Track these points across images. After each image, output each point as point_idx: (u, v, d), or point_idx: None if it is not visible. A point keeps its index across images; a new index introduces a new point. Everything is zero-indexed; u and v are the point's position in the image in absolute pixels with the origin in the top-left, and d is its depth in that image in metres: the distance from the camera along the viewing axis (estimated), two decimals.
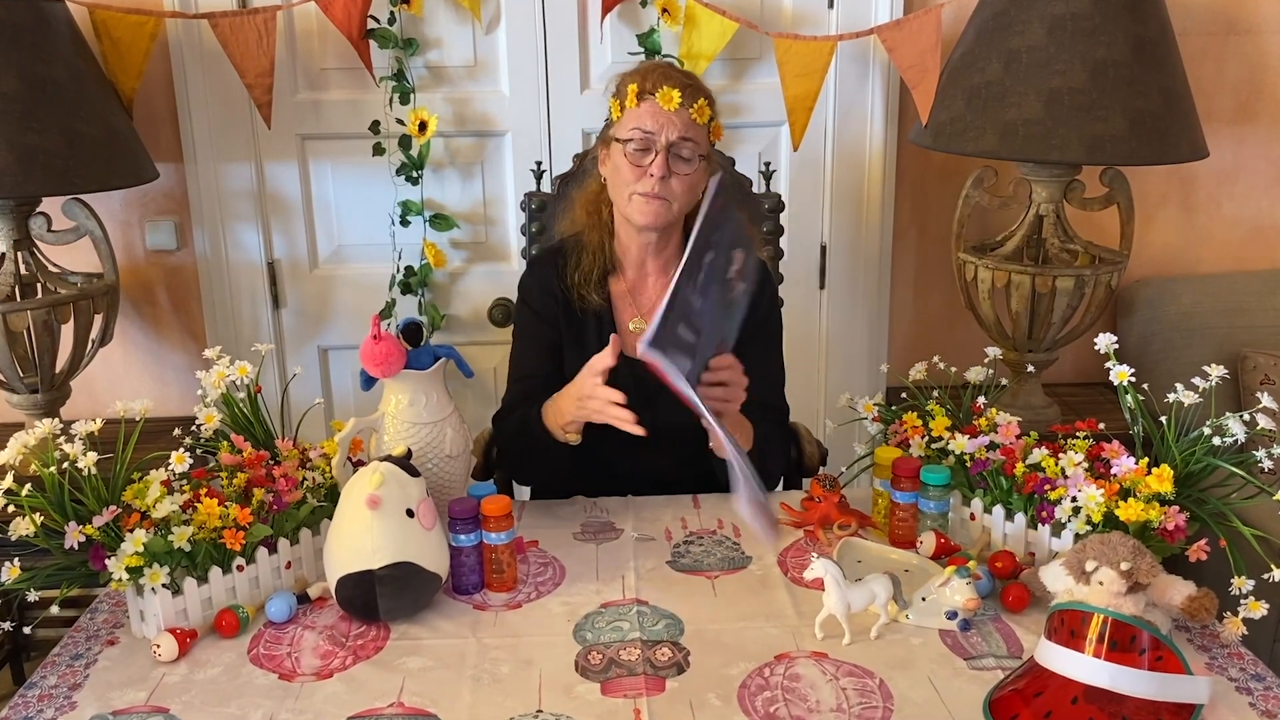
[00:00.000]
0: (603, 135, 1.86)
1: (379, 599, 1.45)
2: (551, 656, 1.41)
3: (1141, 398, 1.59)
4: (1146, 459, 1.53)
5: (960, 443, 1.64)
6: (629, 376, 1.84)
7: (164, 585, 1.42)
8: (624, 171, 1.77)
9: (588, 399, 1.65)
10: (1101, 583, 1.30)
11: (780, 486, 1.96)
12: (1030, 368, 2.30)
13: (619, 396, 1.61)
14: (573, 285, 1.87)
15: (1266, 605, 1.42)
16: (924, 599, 1.48)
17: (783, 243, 2.35)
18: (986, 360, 1.80)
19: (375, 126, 2.53)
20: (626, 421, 1.59)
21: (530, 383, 1.88)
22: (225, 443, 1.64)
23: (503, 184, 2.67)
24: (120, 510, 1.44)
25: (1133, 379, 1.59)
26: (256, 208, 2.65)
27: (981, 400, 1.74)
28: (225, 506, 1.48)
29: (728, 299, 1.59)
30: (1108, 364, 1.60)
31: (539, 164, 2.39)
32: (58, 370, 2.34)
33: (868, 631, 1.44)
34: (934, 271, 2.77)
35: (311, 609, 1.54)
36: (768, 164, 2.40)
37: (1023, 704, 1.25)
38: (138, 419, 1.55)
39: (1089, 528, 1.48)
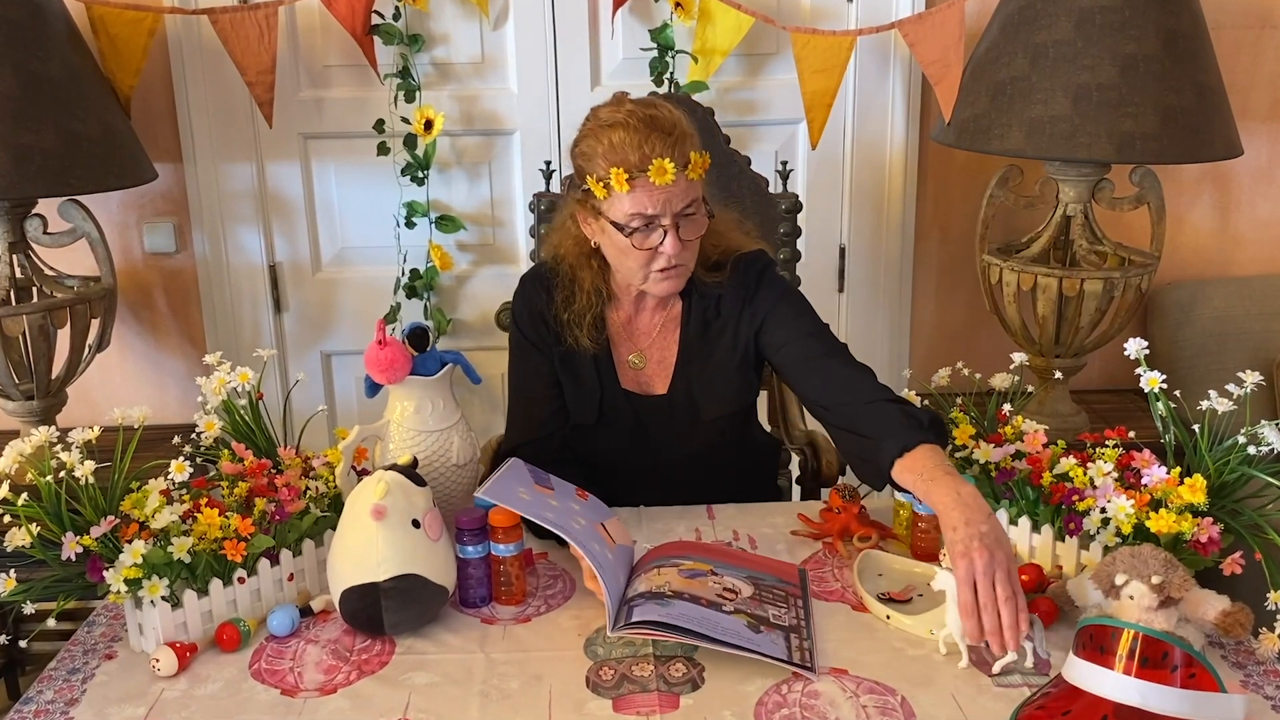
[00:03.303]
0: (581, 200, 1.71)
1: (384, 612, 1.46)
2: (562, 672, 1.41)
3: (1173, 405, 1.59)
4: (1178, 468, 1.52)
5: (985, 451, 1.64)
6: (630, 412, 1.84)
7: (163, 598, 1.43)
8: (631, 256, 1.66)
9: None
10: (1132, 597, 1.29)
11: (797, 496, 1.96)
12: (1057, 374, 2.30)
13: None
14: (566, 331, 1.78)
15: None
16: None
17: (800, 244, 2.35)
18: (1012, 366, 1.80)
19: (380, 125, 2.55)
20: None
21: (533, 421, 1.85)
22: (226, 451, 1.64)
23: (511, 184, 2.68)
24: (118, 520, 1.45)
25: (1164, 385, 1.59)
26: (257, 209, 2.66)
27: (1007, 408, 1.74)
28: (226, 517, 1.49)
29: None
30: (1138, 370, 1.60)
31: (548, 163, 2.40)
32: (54, 376, 2.35)
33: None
34: (957, 274, 2.77)
35: (315, 622, 1.55)
36: (785, 163, 2.40)
37: None
38: (136, 426, 1.56)
39: (1119, 540, 1.48)
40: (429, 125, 2.51)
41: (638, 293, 1.80)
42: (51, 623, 1.52)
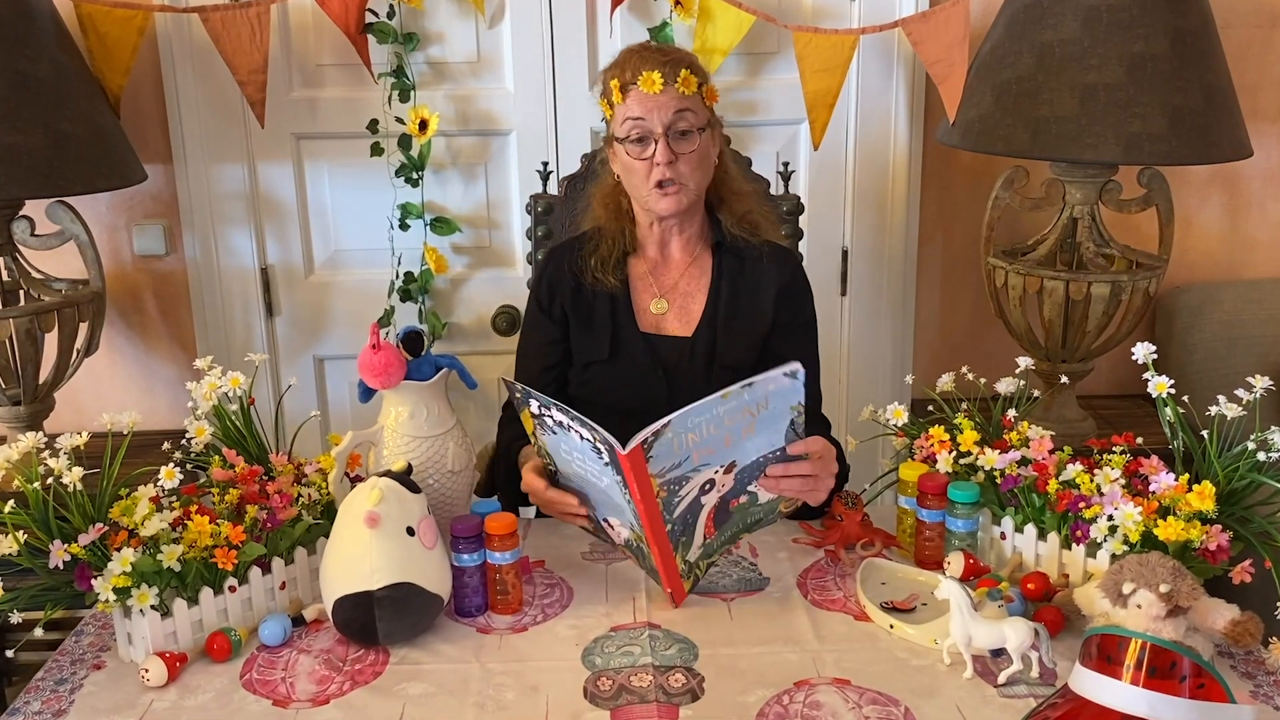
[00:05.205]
0: (607, 138, 1.93)
1: (378, 621, 1.46)
2: (559, 682, 1.42)
3: (1182, 410, 1.59)
4: (1187, 475, 1.53)
5: (990, 458, 1.64)
6: (646, 351, 1.87)
7: (153, 607, 1.43)
8: (635, 170, 1.82)
9: (548, 506, 1.69)
10: (1140, 606, 1.30)
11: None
12: (1064, 379, 2.30)
13: (572, 502, 1.64)
14: (588, 269, 1.93)
15: None
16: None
17: (802, 247, 2.36)
18: (1017, 371, 1.80)
19: (374, 125, 2.55)
20: (580, 519, 1.65)
21: (529, 372, 1.98)
22: (217, 457, 1.65)
23: (507, 186, 2.68)
24: (107, 528, 1.45)
25: (1172, 391, 1.59)
26: (249, 211, 2.66)
27: (1012, 413, 1.74)
28: (217, 524, 1.49)
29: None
30: (1146, 375, 1.60)
31: (545, 165, 2.40)
32: (41, 381, 2.35)
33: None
34: (962, 277, 2.77)
35: (307, 632, 1.55)
36: (786, 164, 2.41)
37: None
38: (125, 432, 1.56)
39: (1126, 548, 1.48)
40: (424, 125, 2.52)
41: (661, 238, 1.93)
42: (39, 632, 1.52)
